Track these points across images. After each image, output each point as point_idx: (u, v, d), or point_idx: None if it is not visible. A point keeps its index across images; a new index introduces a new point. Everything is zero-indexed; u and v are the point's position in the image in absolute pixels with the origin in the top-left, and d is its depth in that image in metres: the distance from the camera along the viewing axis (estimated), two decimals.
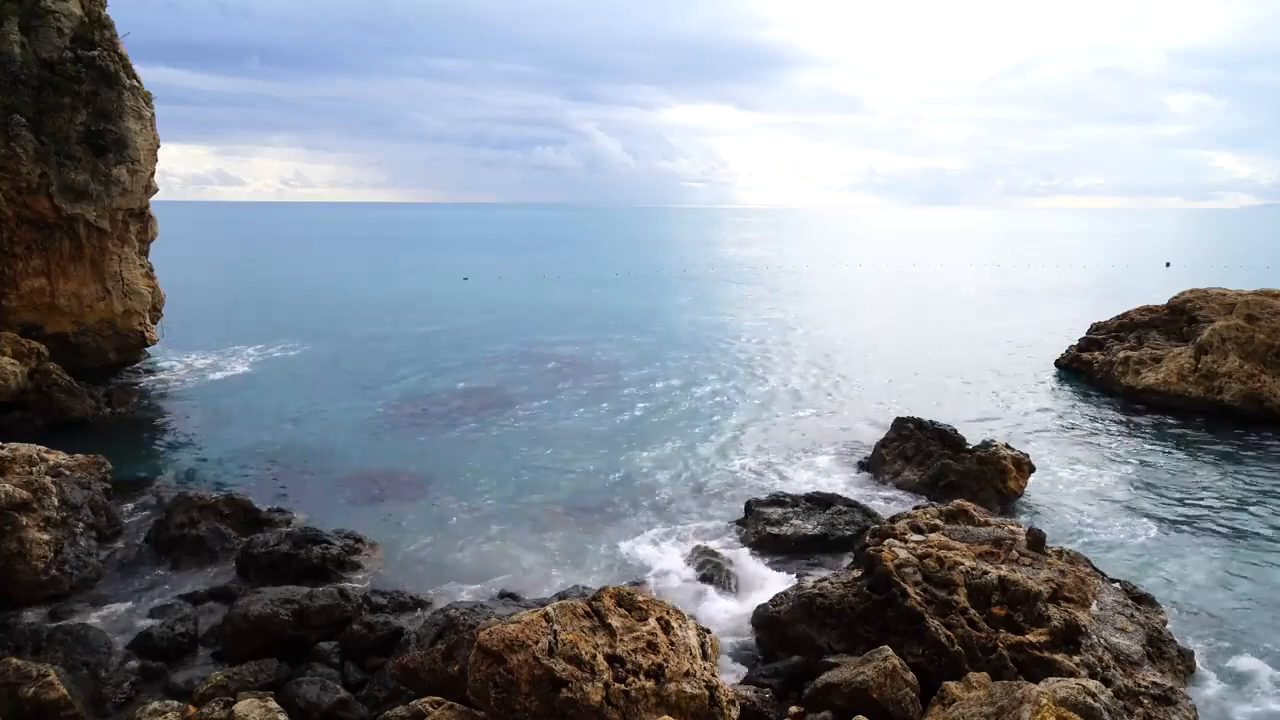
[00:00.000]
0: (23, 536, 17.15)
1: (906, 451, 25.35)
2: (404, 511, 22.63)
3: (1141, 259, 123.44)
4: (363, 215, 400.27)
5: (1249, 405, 31.17)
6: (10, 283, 32.84)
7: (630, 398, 35.22)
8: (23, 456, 19.02)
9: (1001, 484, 23.19)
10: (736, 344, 48.48)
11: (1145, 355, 35.74)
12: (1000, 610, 14.05)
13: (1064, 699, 10.66)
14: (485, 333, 51.50)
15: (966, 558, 15.15)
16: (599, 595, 12.10)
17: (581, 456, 27.35)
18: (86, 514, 19.31)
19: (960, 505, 18.39)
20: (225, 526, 20.20)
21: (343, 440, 28.87)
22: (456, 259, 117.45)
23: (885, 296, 75.02)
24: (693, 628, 12.19)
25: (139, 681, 14.47)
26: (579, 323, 56.24)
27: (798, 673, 14.32)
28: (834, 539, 19.78)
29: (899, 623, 14.19)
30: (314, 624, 15.58)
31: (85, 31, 33.62)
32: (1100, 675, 12.98)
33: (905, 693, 12.72)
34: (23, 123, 31.24)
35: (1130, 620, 14.82)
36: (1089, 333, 41.94)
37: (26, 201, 32.16)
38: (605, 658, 10.95)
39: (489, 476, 25.29)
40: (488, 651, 10.83)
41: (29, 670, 12.99)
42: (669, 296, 72.58)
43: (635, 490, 24.36)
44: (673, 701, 10.89)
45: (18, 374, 29.39)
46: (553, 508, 22.80)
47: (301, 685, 13.68)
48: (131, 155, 34.11)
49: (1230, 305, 35.59)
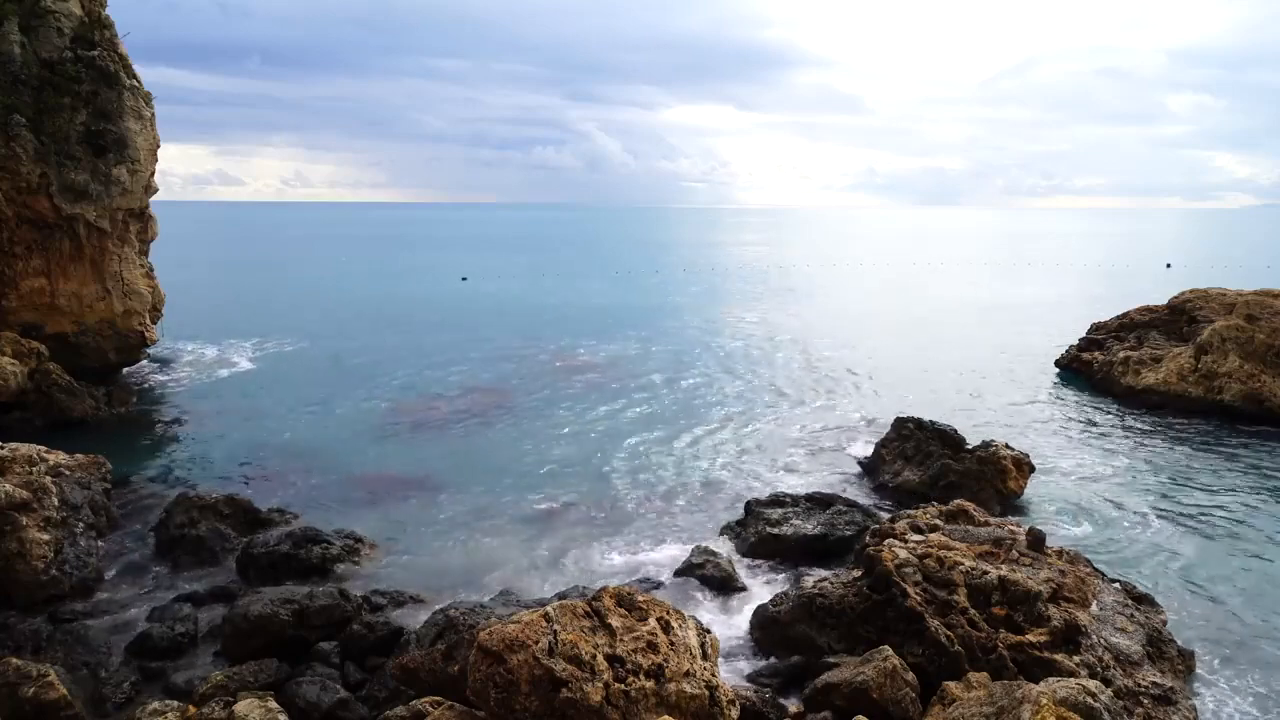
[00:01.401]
0: (23, 536, 17.14)
1: (906, 451, 25.34)
2: (404, 511, 22.63)
3: (1141, 259, 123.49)
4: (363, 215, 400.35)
5: (1249, 405, 31.16)
6: (10, 283, 32.82)
7: (630, 398, 35.21)
8: (23, 456, 19.02)
9: (1001, 484, 23.19)
10: (736, 344, 48.48)
11: (1145, 355, 35.75)
12: (1000, 610, 14.05)
13: (1064, 699, 10.66)
14: (485, 333, 51.50)
15: (966, 558, 15.15)
16: (599, 595, 12.10)
17: (582, 456, 27.36)
18: (86, 514, 19.30)
19: (960, 505, 18.39)
20: (225, 526, 20.19)
21: (343, 440, 28.86)
22: (456, 259, 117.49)
23: (885, 296, 75.04)
24: (693, 628, 12.18)
25: (139, 681, 14.48)
26: (579, 323, 56.25)
27: (798, 673, 14.33)
28: (834, 539, 19.77)
29: (899, 623, 14.19)
30: (314, 624, 15.57)
31: (85, 31, 33.61)
32: (1100, 675, 12.98)
33: (905, 693, 12.72)
34: (23, 123, 31.23)
35: (1130, 620, 14.82)
36: (1089, 333, 41.94)
37: (26, 201, 32.14)
38: (605, 658, 10.94)
39: (489, 476, 25.29)
40: (488, 651, 10.82)
41: (29, 670, 12.99)
42: (669, 296, 72.58)
43: (636, 490, 24.36)
44: (673, 701, 10.89)
45: (18, 374, 29.38)
46: (553, 508, 22.80)
47: (301, 685, 13.68)
48: (131, 155, 34.09)
49: (1230, 305, 35.60)
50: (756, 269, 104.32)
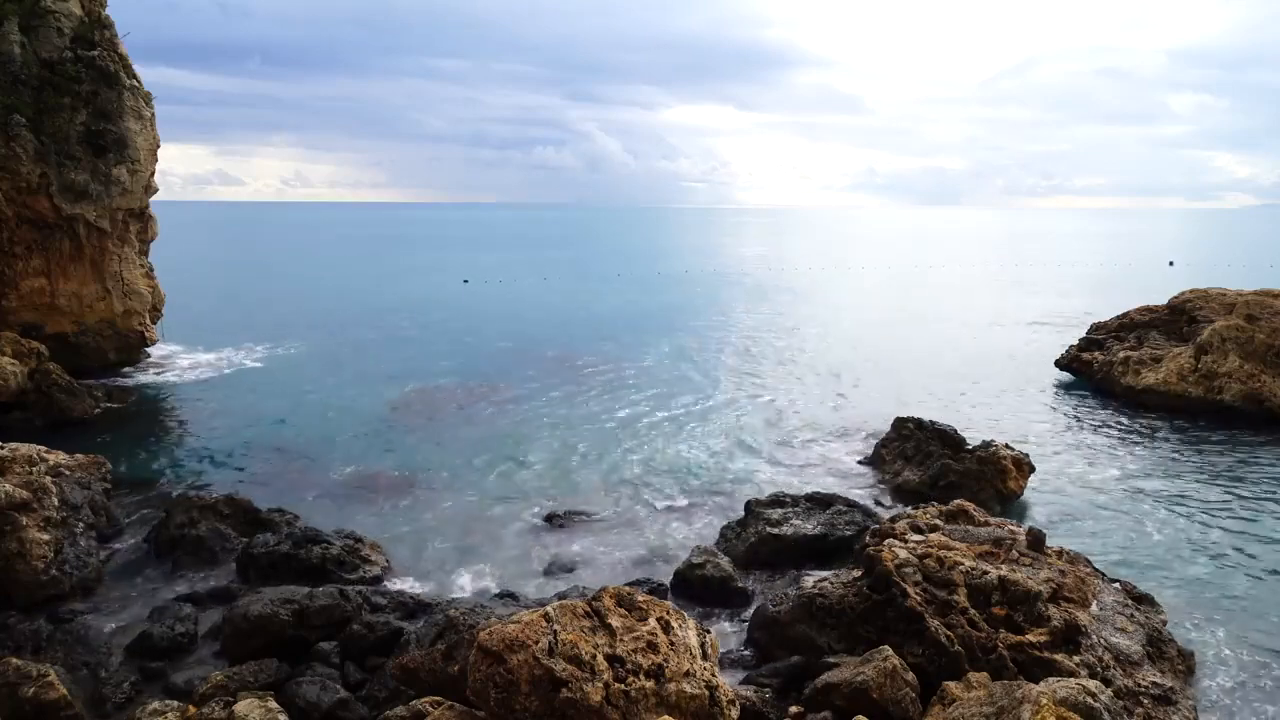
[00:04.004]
0: (23, 536, 17.14)
1: (906, 451, 25.35)
2: (404, 511, 22.63)
3: (1142, 259, 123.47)
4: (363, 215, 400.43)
5: (1249, 405, 31.17)
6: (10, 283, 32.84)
7: (630, 398, 35.22)
8: (23, 456, 19.02)
9: (1001, 484, 23.19)
10: (736, 344, 48.50)
11: (1145, 355, 35.73)
12: (1000, 610, 14.05)
13: (1064, 699, 10.66)
14: (485, 333, 51.52)
15: (966, 558, 15.15)
16: (599, 595, 12.10)
17: (582, 456, 27.37)
18: (86, 514, 19.30)
19: (960, 505, 18.39)
20: (225, 527, 20.18)
21: (343, 440, 28.86)
22: (456, 259, 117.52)
23: (885, 296, 75.03)
24: (693, 628, 12.18)
25: (139, 681, 14.47)
26: (579, 323, 56.27)
27: (798, 673, 14.32)
28: (834, 539, 19.76)
29: (899, 623, 14.19)
30: (314, 624, 15.56)
31: (85, 31, 33.64)
32: (1100, 675, 12.97)
33: (905, 693, 12.72)
34: (23, 123, 31.25)
35: (1130, 620, 14.81)
36: (1089, 333, 41.90)
37: (26, 201, 32.17)
38: (605, 658, 10.94)
39: (489, 477, 25.30)
40: (488, 651, 10.82)
41: (29, 670, 12.99)
42: (669, 296, 72.57)
43: (636, 490, 24.36)
44: (673, 701, 10.89)
45: (18, 374, 29.38)
46: (554, 508, 22.80)
47: (301, 685, 13.67)
48: (131, 155, 34.12)
49: (1230, 305, 35.60)
50: (757, 269, 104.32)
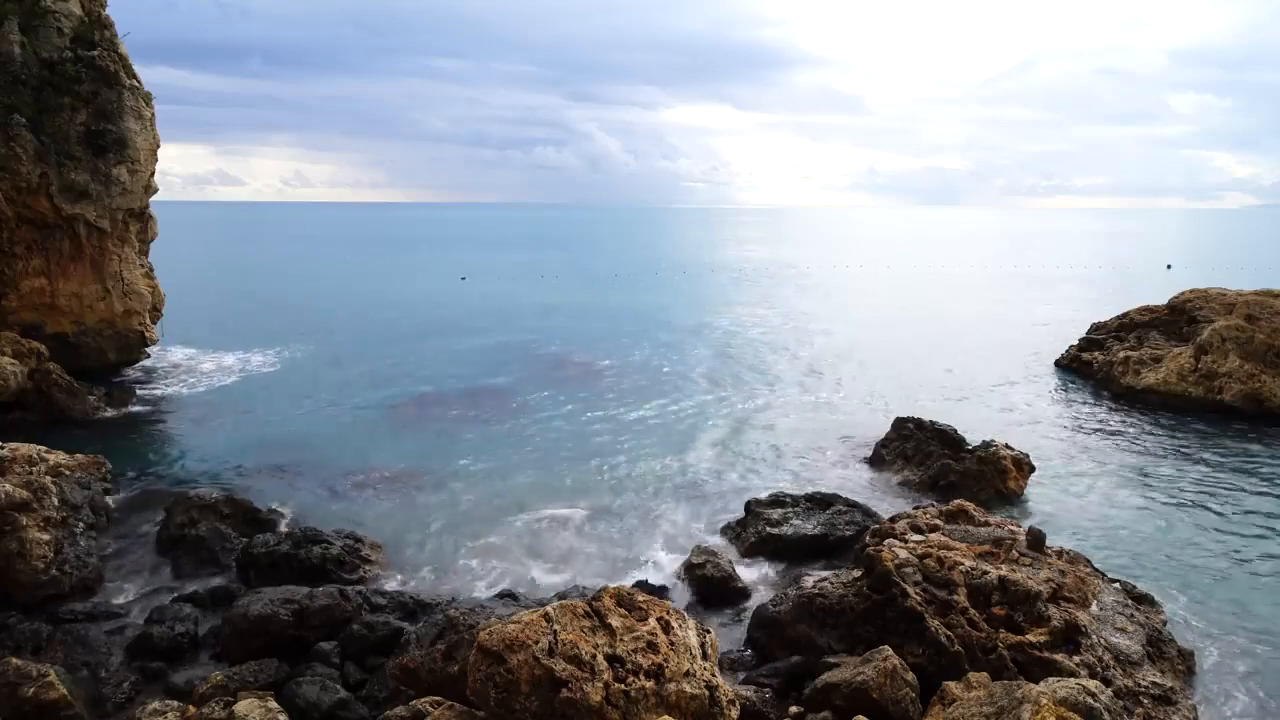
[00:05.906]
0: (23, 536, 17.14)
1: (906, 451, 25.36)
2: (404, 511, 22.62)
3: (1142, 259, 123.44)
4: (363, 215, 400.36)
5: (1249, 405, 31.17)
6: (10, 283, 32.82)
7: (630, 398, 35.20)
8: (23, 456, 19.03)
9: (1001, 484, 23.21)
10: (736, 344, 48.47)
11: (1145, 355, 35.74)
12: (1000, 610, 14.06)
13: (1064, 699, 10.66)
14: (485, 333, 51.48)
15: (966, 558, 15.16)
16: (599, 595, 12.10)
17: (581, 456, 27.35)
18: (86, 514, 19.30)
19: (960, 505, 18.39)
20: (225, 526, 20.19)
21: (343, 440, 28.85)
22: (456, 259, 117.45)
23: (885, 296, 75.03)
24: (693, 627, 12.18)
25: (139, 681, 14.48)
26: (579, 323, 56.24)
27: (798, 673, 14.32)
28: (834, 539, 19.76)
29: (899, 623, 14.19)
30: (314, 624, 15.57)
31: (85, 31, 33.61)
32: (1100, 675, 12.98)
33: (905, 693, 12.72)
34: (23, 123, 31.23)
35: (1130, 620, 14.82)
36: (1089, 333, 41.94)
37: (26, 201, 32.14)
38: (605, 658, 10.94)
39: (489, 476, 25.29)
40: (488, 651, 10.83)
41: (29, 670, 13.00)
42: (669, 296, 72.55)
43: (636, 490, 24.36)
44: (673, 701, 10.89)
45: (18, 374, 29.37)
46: (554, 507, 22.79)
47: (301, 685, 13.68)
48: (131, 155, 34.09)
49: (1230, 305, 35.60)
50: (757, 269, 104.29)
